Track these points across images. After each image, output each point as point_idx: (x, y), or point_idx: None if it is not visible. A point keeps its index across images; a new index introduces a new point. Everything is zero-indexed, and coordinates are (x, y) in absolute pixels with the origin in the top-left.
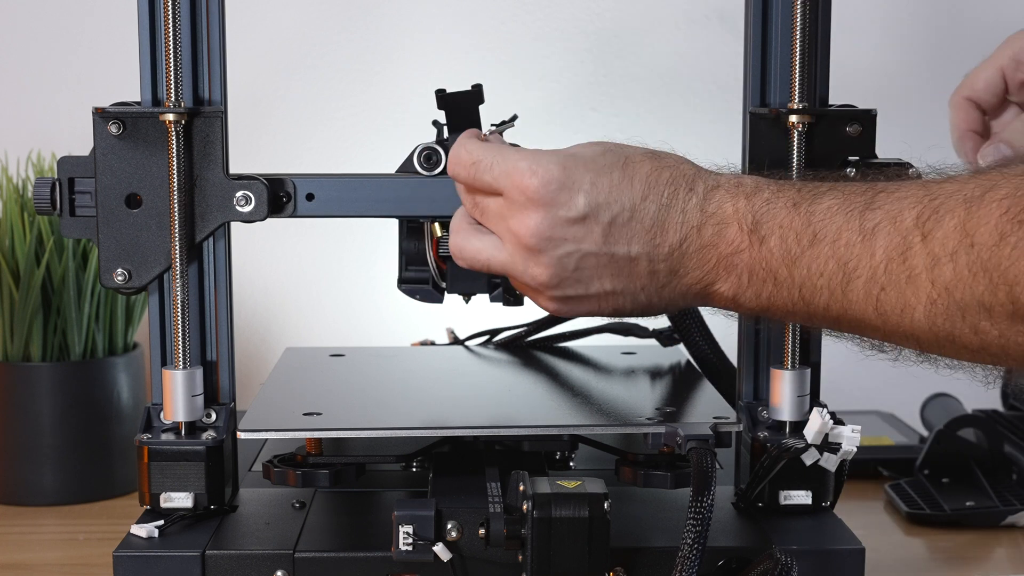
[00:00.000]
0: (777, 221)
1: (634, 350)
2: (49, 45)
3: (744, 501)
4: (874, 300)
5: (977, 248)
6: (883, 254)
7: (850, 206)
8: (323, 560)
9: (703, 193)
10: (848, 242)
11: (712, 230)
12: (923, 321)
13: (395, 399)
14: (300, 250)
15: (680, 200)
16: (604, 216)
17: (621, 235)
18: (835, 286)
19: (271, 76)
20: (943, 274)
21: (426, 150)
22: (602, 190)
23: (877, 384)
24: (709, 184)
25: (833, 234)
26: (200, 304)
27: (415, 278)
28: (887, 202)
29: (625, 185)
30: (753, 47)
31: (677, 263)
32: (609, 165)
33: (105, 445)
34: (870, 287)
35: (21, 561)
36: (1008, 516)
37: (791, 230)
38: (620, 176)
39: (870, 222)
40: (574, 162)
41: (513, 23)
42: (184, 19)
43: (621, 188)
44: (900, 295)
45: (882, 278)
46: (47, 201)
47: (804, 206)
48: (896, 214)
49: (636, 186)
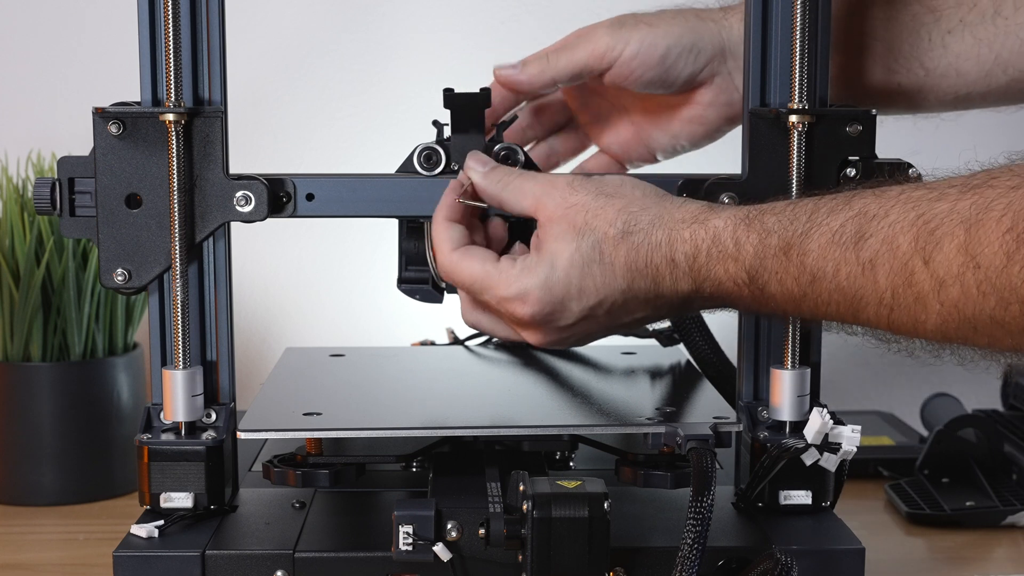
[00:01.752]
0: (772, 270)
1: (634, 350)
2: (49, 45)
3: (744, 501)
4: (885, 320)
5: (984, 269)
6: (887, 282)
7: (840, 238)
8: (323, 560)
9: (686, 264)
10: (849, 275)
11: (709, 289)
12: (935, 333)
13: (395, 399)
14: (300, 250)
15: (666, 277)
16: (600, 311)
17: (623, 313)
18: (844, 313)
19: (271, 76)
20: (950, 295)
21: (426, 150)
22: (590, 295)
23: (877, 384)
24: (687, 252)
25: (832, 271)
26: (200, 304)
27: (415, 278)
28: (878, 229)
29: (609, 279)
30: (753, 47)
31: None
32: (587, 263)
33: (105, 445)
34: (879, 310)
35: (21, 561)
36: (1008, 516)
37: (788, 275)
38: (600, 271)
39: (867, 252)
40: (555, 279)
41: (513, 23)
42: (184, 19)
43: (607, 283)
44: (910, 314)
45: (889, 302)
46: (47, 201)
47: (795, 250)
48: (891, 240)
49: (619, 277)
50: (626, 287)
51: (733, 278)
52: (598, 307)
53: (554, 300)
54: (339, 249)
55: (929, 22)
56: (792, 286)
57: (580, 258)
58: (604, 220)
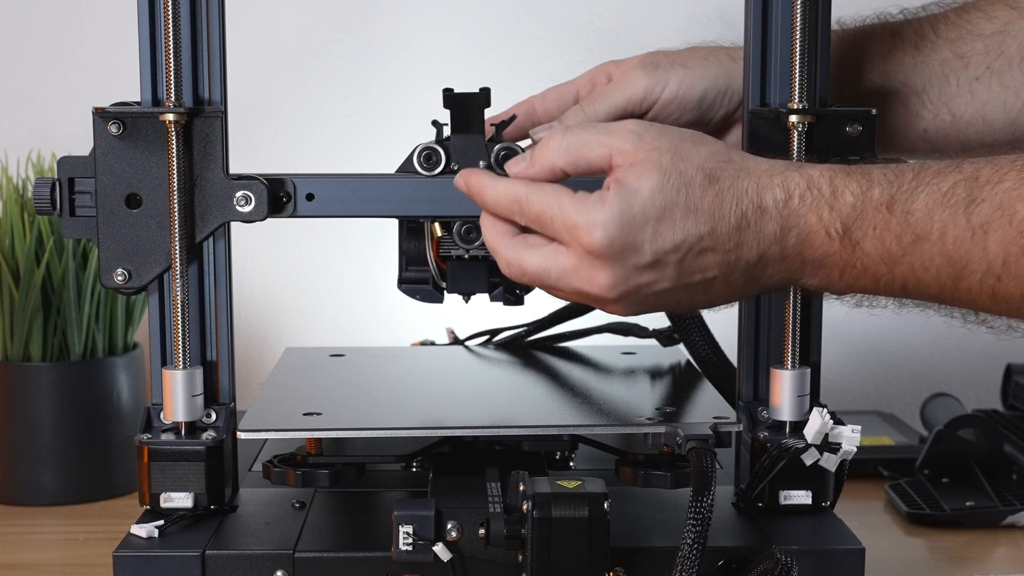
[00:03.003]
0: (871, 223)
1: (634, 350)
2: (49, 45)
3: (744, 501)
4: (989, 290)
5: None
6: (999, 249)
7: (951, 199)
8: (323, 560)
9: (775, 209)
10: (957, 238)
11: (795, 239)
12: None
13: (395, 399)
14: (300, 250)
15: (752, 223)
16: (673, 257)
17: (695, 267)
18: (944, 279)
19: (271, 76)
20: None
21: (426, 150)
22: (667, 237)
23: (877, 384)
24: (778, 197)
25: (938, 232)
26: (200, 304)
27: (415, 278)
28: (992, 194)
29: (689, 222)
30: (753, 47)
31: (758, 272)
32: (669, 205)
33: (105, 445)
34: (985, 279)
35: (21, 561)
36: (1008, 516)
37: (888, 232)
38: (682, 214)
39: (979, 216)
40: (631, 214)
41: (513, 23)
42: (184, 19)
43: (686, 226)
44: (1020, 285)
45: (999, 271)
46: (47, 201)
47: (899, 206)
48: (1007, 207)
49: (701, 220)
50: (707, 232)
51: (826, 226)
52: (673, 252)
53: (627, 234)
54: (339, 249)
55: (957, 68)
56: (892, 244)
57: (663, 199)
58: (691, 164)
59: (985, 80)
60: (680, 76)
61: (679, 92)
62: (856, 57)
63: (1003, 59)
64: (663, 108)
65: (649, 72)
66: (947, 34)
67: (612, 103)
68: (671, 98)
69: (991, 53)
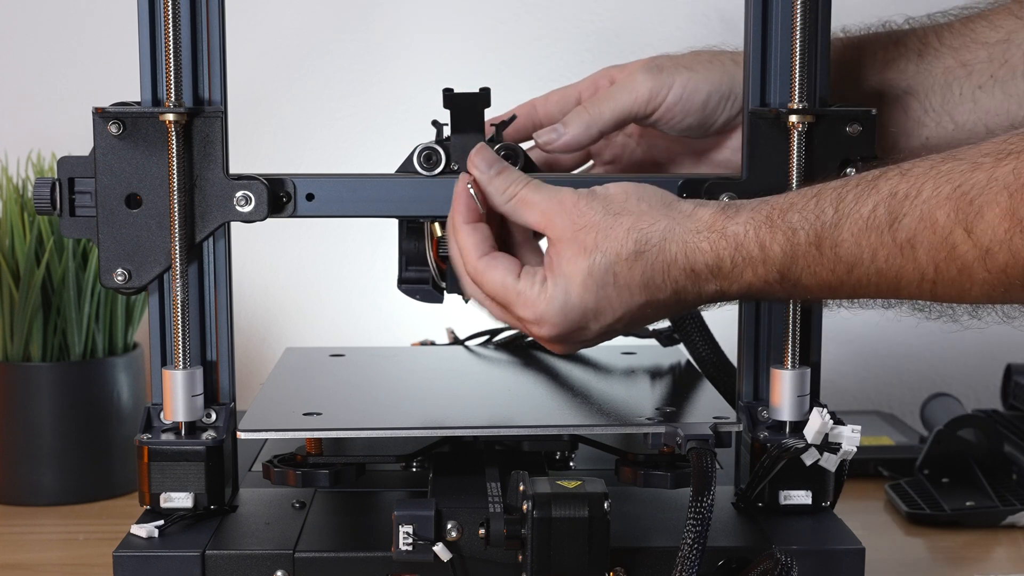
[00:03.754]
0: (803, 265)
1: (634, 350)
2: (49, 45)
3: (744, 501)
4: (928, 294)
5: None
6: (928, 258)
7: (874, 223)
8: (323, 560)
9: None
10: (888, 257)
11: (737, 290)
12: (981, 298)
13: (395, 399)
14: (300, 250)
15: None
16: (618, 326)
17: (642, 320)
18: (885, 292)
19: (271, 76)
20: (997, 261)
21: (426, 150)
22: (607, 315)
23: (877, 384)
24: (709, 262)
25: (869, 256)
26: (200, 304)
27: (415, 278)
28: (912, 208)
29: (625, 297)
30: (753, 47)
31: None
32: (601, 287)
33: (105, 445)
34: (922, 285)
35: (21, 561)
36: (1008, 516)
37: (823, 267)
38: (616, 292)
39: (903, 232)
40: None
41: (513, 23)
42: (184, 19)
43: (623, 302)
44: (954, 285)
45: (932, 277)
46: (47, 201)
47: (827, 242)
48: (927, 217)
49: (636, 293)
50: (645, 301)
51: (763, 278)
52: (617, 322)
53: (571, 324)
54: (339, 249)
55: (961, 76)
56: (828, 276)
57: (593, 283)
58: (615, 240)
59: (988, 89)
60: (684, 79)
61: (683, 95)
62: (859, 63)
63: (1007, 68)
64: (667, 111)
65: (654, 75)
66: (951, 42)
67: (617, 105)
68: (675, 101)
69: (995, 62)
